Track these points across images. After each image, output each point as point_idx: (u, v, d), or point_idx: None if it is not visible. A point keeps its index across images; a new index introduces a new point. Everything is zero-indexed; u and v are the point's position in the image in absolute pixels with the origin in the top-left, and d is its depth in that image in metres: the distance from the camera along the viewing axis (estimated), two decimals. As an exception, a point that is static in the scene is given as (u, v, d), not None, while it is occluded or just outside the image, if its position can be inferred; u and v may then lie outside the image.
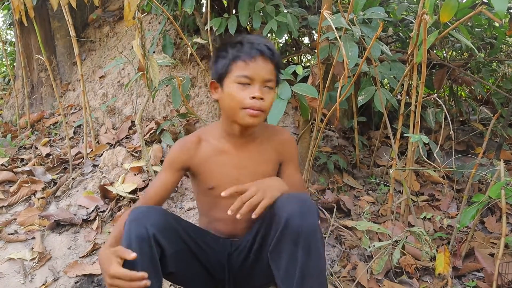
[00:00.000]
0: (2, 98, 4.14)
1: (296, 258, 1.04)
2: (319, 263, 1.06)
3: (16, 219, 2.03)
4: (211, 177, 1.28)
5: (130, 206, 2.09)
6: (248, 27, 3.01)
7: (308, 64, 3.79)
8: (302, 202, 1.07)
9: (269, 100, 1.18)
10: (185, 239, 1.17)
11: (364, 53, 1.67)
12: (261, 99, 1.14)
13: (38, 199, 2.19)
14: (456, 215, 2.08)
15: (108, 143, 2.74)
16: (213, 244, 1.28)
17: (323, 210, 2.02)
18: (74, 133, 3.08)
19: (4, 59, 4.11)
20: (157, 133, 2.60)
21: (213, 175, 1.28)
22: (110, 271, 0.98)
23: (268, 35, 2.78)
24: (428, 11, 1.48)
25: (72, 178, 2.35)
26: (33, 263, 1.74)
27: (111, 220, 2.02)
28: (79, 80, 2.64)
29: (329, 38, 1.87)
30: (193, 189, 1.40)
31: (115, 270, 0.97)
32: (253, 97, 1.14)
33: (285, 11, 2.43)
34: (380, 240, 1.81)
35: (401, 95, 1.95)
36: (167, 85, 2.57)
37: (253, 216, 1.05)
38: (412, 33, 1.69)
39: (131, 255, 0.98)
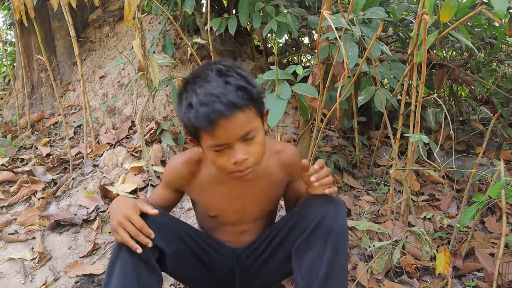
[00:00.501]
0: (2, 98, 4.14)
1: (324, 255, 1.06)
2: (344, 263, 1.08)
3: (16, 219, 2.02)
4: (212, 206, 1.23)
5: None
6: (248, 27, 3.02)
7: (308, 64, 3.79)
8: (337, 204, 1.10)
9: (256, 149, 1.01)
10: (185, 239, 1.16)
11: (364, 53, 1.67)
12: (245, 158, 0.99)
13: (38, 199, 2.19)
14: (456, 215, 2.08)
15: (108, 143, 2.74)
16: (218, 247, 1.27)
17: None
18: (74, 133, 3.08)
19: (4, 59, 4.12)
20: (157, 133, 2.60)
21: (215, 204, 1.22)
22: (127, 212, 1.00)
23: (268, 35, 2.78)
24: (428, 11, 1.48)
25: (72, 178, 2.35)
26: (34, 263, 1.74)
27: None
28: (79, 80, 2.64)
29: (329, 38, 1.87)
30: (195, 212, 1.38)
31: (132, 214, 1.00)
32: (235, 163, 0.99)
33: (285, 11, 2.43)
34: (380, 240, 1.81)
35: (401, 95, 1.95)
36: (167, 85, 2.56)
37: (327, 191, 1.09)
38: (412, 33, 1.69)
39: (154, 210, 1.03)
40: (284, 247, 1.17)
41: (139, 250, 0.99)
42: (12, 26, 3.83)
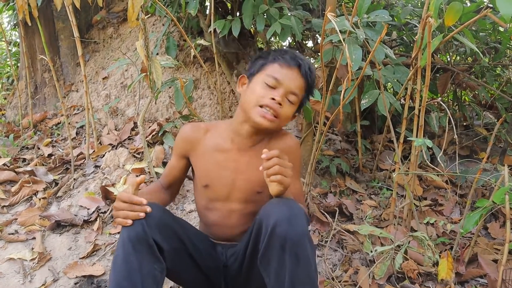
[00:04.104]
0: (5, 98, 4.15)
1: (285, 265, 1.03)
2: (308, 271, 1.04)
3: (17, 219, 2.02)
4: (207, 174, 1.28)
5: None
6: (251, 30, 3.01)
7: (311, 67, 3.78)
8: (289, 208, 1.05)
9: (287, 111, 1.19)
10: (182, 238, 1.17)
11: (368, 56, 1.66)
12: (280, 104, 1.16)
13: (39, 199, 2.18)
14: (459, 220, 2.06)
15: (110, 144, 2.74)
16: (211, 250, 1.28)
17: (325, 213, 2.01)
18: (77, 133, 3.08)
19: (8, 60, 4.13)
20: (160, 134, 2.59)
21: (209, 173, 1.27)
22: (118, 196, 1.08)
23: (272, 38, 2.78)
24: (433, 15, 1.47)
25: (74, 179, 2.34)
26: (33, 263, 1.74)
27: (112, 221, 2.01)
28: (83, 81, 2.64)
29: (333, 41, 1.86)
30: (193, 187, 1.40)
31: (121, 194, 1.07)
32: (273, 99, 1.15)
33: (289, 13, 2.42)
34: (382, 245, 1.80)
35: (404, 99, 1.94)
36: (170, 87, 2.56)
37: (271, 180, 1.07)
38: (416, 37, 1.68)
39: (139, 177, 1.09)
40: (256, 258, 1.14)
41: (142, 214, 1.04)
42: (16, 27, 3.84)
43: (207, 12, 2.84)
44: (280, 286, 1.04)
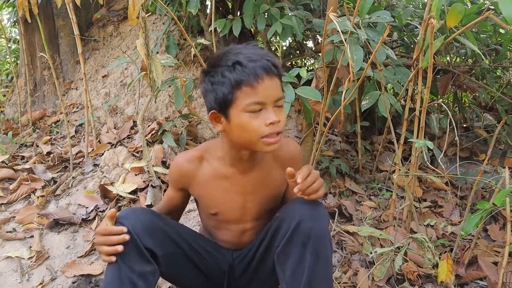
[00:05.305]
0: (4, 96, 4.14)
1: (304, 261, 1.03)
2: (327, 269, 1.05)
3: (15, 217, 2.01)
4: (214, 203, 1.22)
5: (130, 206, 2.08)
6: (252, 29, 3.01)
7: (312, 67, 3.77)
8: (315, 207, 1.06)
9: (283, 118, 1.05)
10: (178, 242, 1.15)
11: (369, 57, 1.65)
12: (279, 121, 1.03)
13: (38, 197, 2.18)
14: (459, 222, 2.06)
15: (109, 143, 2.73)
16: (214, 251, 1.26)
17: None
18: (76, 131, 3.07)
19: (7, 57, 4.11)
20: (159, 133, 2.58)
21: (216, 201, 1.21)
22: (97, 231, 1.04)
23: (272, 37, 2.77)
24: (435, 16, 1.46)
25: (73, 177, 2.34)
26: (31, 261, 1.73)
27: (110, 220, 2.00)
28: (82, 79, 2.63)
29: (334, 41, 1.85)
30: (197, 209, 1.37)
31: (99, 229, 1.03)
32: (271, 123, 1.01)
33: (290, 13, 2.42)
34: (382, 246, 1.79)
35: (405, 100, 1.94)
36: (170, 86, 2.55)
37: (308, 197, 1.03)
38: (417, 38, 1.67)
39: (112, 210, 1.05)
40: (270, 255, 1.14)
41: (120, 248, 1.00)
42: (16, 24, 3.82)
43: (208, 11, 2.83)
44: (296, 282, 1.04)
